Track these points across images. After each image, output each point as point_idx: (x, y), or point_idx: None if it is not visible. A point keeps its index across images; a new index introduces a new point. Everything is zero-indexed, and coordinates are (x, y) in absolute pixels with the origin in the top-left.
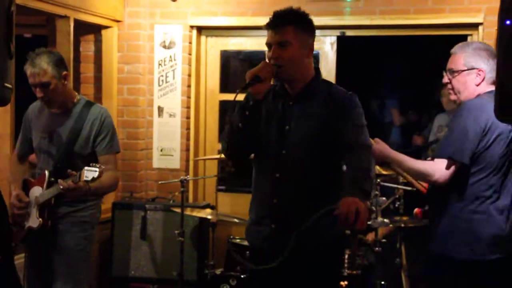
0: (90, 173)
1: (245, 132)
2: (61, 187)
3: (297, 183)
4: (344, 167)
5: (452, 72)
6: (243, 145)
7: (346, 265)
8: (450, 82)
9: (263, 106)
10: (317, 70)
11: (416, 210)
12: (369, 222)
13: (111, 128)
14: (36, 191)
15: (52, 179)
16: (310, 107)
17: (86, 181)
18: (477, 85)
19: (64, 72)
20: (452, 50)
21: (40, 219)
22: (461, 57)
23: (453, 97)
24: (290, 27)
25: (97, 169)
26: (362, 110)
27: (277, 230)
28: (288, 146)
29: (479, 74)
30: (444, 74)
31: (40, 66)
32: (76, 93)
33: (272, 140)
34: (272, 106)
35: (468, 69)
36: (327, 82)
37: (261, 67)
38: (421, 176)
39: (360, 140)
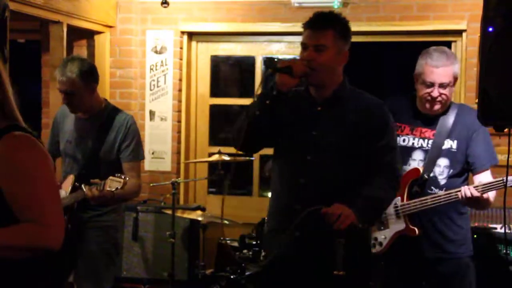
0: (114, 183)
1: (260, 122)
2: (87, 194)
3: (321, 189)
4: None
5: (446, 86)
6: (254, 136)
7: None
8: (440, 95)
9: (286, 107)
10: (344, 75)
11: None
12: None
13: (136, 136)
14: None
15: (77, 184)
16: (338, 113)
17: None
18: None
19: (93, 84)
20: (435, 63)
21: None
22: (452, 69)
23: (437, 106)
24: (330, 31)
25: (121, 180)
26: (393, 121)
27: (301, 237)
28: (314, 151)
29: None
30: (433, 88)
31: (68, 76)
32: (103, 99)
33: (296, 144)
34: (296, 109)
35: (455, 80)
36: (356, 89)
37: (296, 61)
38: None
39: (389, 164)
